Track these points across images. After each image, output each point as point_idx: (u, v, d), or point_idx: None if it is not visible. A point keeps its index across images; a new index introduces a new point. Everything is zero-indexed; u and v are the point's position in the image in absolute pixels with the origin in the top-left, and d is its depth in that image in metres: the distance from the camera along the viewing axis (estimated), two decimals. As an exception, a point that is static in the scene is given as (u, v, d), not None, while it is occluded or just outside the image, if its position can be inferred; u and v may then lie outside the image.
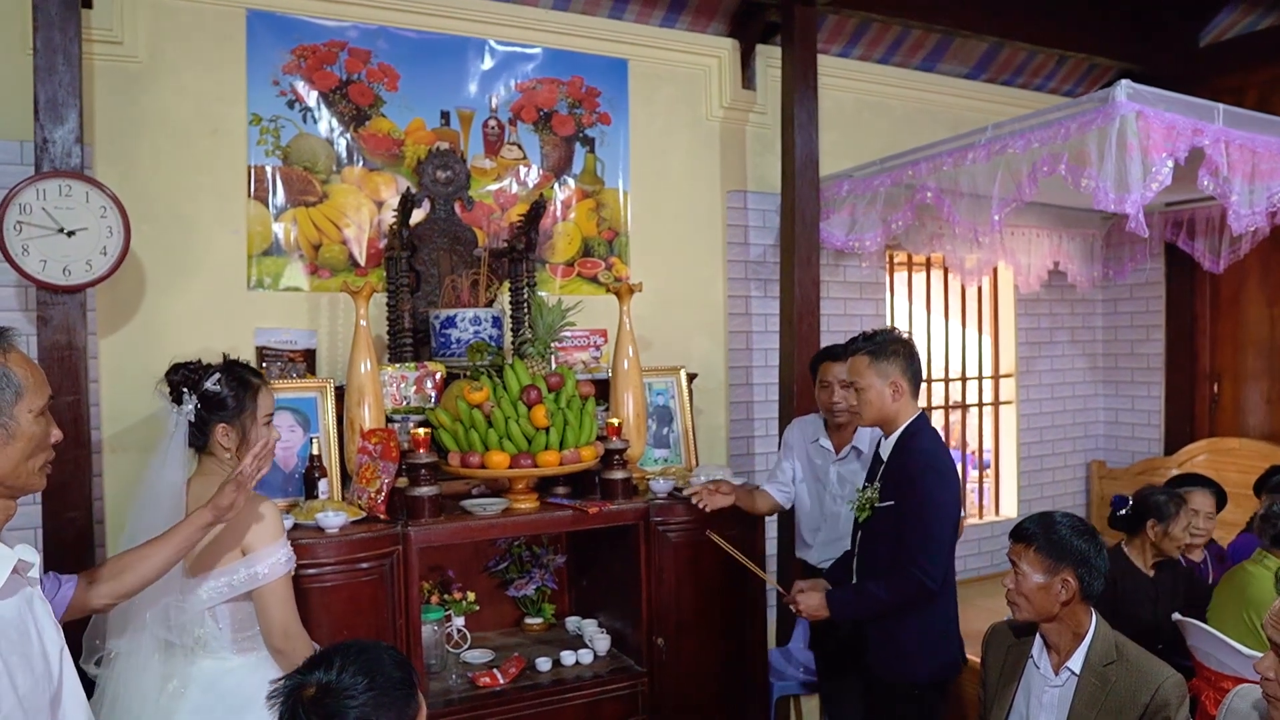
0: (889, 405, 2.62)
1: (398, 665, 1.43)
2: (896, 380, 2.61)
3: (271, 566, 2.09)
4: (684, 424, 3.66)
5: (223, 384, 2.21)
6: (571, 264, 3.88)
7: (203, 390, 2.19)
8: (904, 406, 2.63)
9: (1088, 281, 4.97)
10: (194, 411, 2.18)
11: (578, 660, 3.11)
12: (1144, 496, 3.12)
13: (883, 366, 2.62)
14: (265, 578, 2.08)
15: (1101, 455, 5.41)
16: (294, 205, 3.40)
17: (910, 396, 2.64)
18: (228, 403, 2.21)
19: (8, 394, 1.48)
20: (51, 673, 1.49)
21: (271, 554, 2.10)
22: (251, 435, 2.23)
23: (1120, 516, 3.12)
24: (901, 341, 2.68)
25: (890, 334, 2.70)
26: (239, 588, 2.09)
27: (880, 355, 2.63)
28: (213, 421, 2.20)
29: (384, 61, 3.53)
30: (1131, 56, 4.71)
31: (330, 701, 1.36)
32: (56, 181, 2.70)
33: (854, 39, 4.40)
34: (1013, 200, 3.23)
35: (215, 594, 2.09)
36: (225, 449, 2.22)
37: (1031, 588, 2.11)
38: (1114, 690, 2.01)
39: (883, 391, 2.61)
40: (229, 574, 2.09)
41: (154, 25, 3.19)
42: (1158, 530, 3.06)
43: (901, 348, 2.65)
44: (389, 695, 1.38)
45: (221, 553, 2.10)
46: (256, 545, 2.10)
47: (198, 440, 2.22)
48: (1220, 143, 3.05)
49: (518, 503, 2.98)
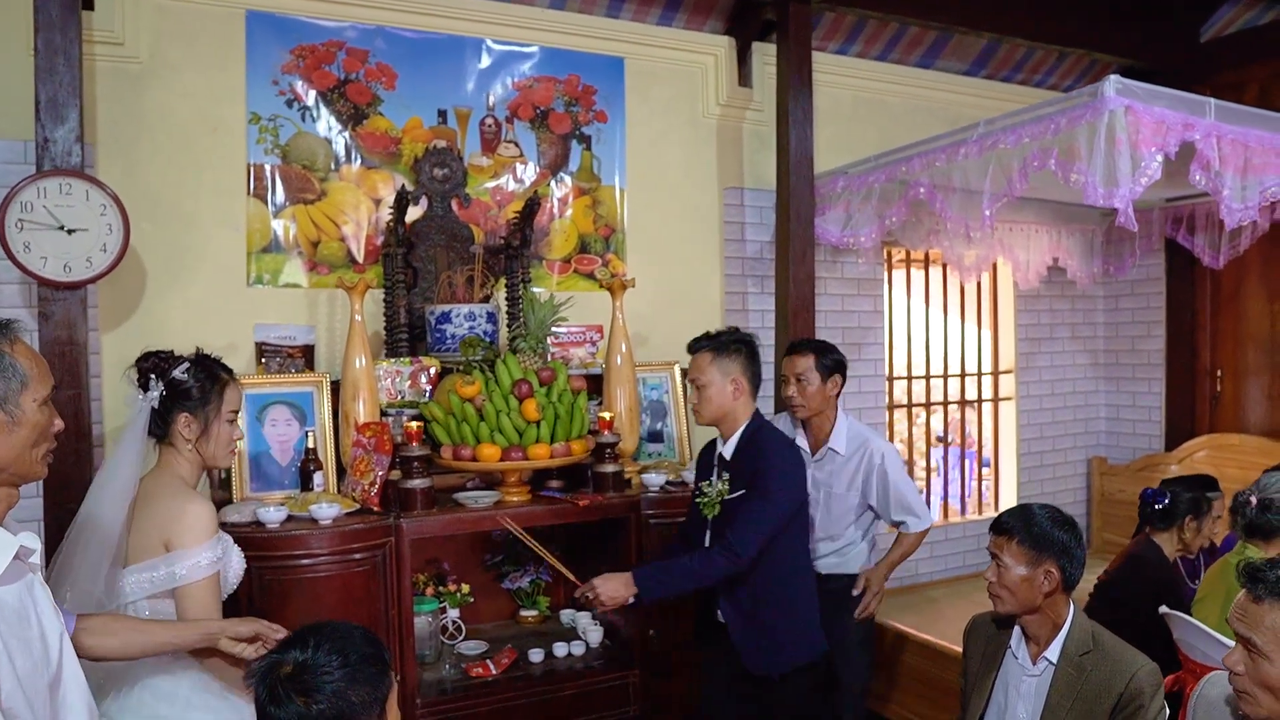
0: (728, 402, 2.66)
1: (369, 643, 1.48)
2: (737, 378, 2.65)
3: (191, 568, 2.01)
4: (678, 419, 3.69)
5: (190, 373, 2.18)
6: (568, 261, 3.92)
7: (170, 378, 2.16)
8: (743, 405, 2.67)
9: (1087, 277, 4.96)
10: (159, 398, 2.15)
11: (570, 652, 3.15)
12: (1179, 494, 3.11)
13: (724, 364, 2.66)
14: (183, 579, 2.00)
15: (1102, 451, 5.40)
16: (293, 203, 3.45)
17: (749, 395, 2.68)
18: (193, 392, 2.17)
19: (13, 383, 1.53)
20: (50, 657, 1.53)
21: (194, 555, 2.02)
22: (213, 429, 2.19)
23: (1156, 510, 3.11)
24: (744, 341, 2.72)
25: (734, 333, 2.75)
26: (158, 585, 2.02)
27: (722, 352, 2.68)
28: (176, 410, 2.15)
29: (382, 61, 3.57)
30: (1131, 52, 4.70)
31: (307, 678, 1.40)
32: (57, 180, 2.76)
33: (851, 36, 4.41)
34: (1003, 195, 3.23)
35: (137, 588, 2.03)
36: (186, 440, 2.16)
37: (1014, 580, 2.12)
38: (1089, 679, 2.03)
39: (724, 389, 2.65)
40: (150, 569, 2.02)
41: (154, 26, 3.25)
42: (1193, 527, 3.08)
43: (743, 347, 2.70)
44: (362, 671, 1.43)
45: (148, 545, 2.05)
46: (180, 544, 2.03)
47: (158, 429, 2.17)
48: (1211, 137, 3.05)
49: (510, 495, 3.02)
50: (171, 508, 2.06)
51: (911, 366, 4.91)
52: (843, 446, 3.10)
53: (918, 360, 4.94)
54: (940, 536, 4.78)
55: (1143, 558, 3.05)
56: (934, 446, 5.32)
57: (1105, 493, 5.24)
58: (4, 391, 1.52)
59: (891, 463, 3.09)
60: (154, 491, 2.12)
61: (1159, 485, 3.23)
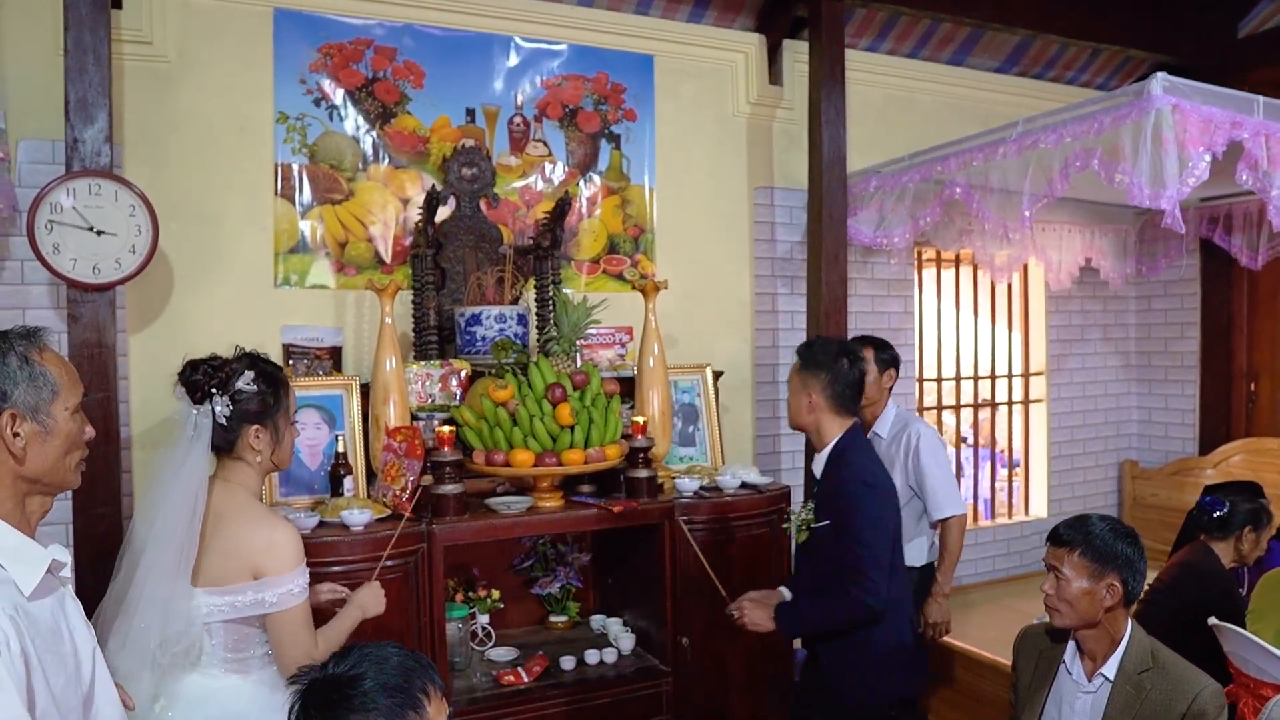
0: (804, 416, 2.58)
1: (400, 674, 1.38)
2: (813, 396, 2.55)
3: (281, 596, 1.95)
4: (710, 422, 3.63)
5: (256, 383, 2.04)
6: (597, 261, 3.87)
7: (234, 390, 2.02)
8: (823, 421, 2.56)
9: (1120, 278, 4.88)
10: (226, 414, 2.02)
11: (602, 659, 3.10)
12: (1238, 503, 3.02)
13: (805, 377, 2.57)
14: (273, 606, 1.95)
15: (1134, 455, 5.32)
16: (320, 203, 3.41)
17: (831, 413, 2.55)
18: (265, 401, 2.05)
19: (44, 392, 1.49)
20: (83, 674, 1.50)
21: (283, 583, 1.96)
22: (284, 436, 2.10)
23: (1214, 519, 3.03)
24: (837, 355, 2.57)
25: (828, 346, 2.62)
26: (242, 611, 1.96)
27: (806, 366, 2.58)
28: (244, 423, 2.03)
29: (410, 59, 3.53)
30: (1167, 48, 4.61)
31: (336, 694, 1.34)
32: (86, 181, 2.73)
33: (882, 33, 4.34)
34: (1044, 196, 3.17)
35: (215, 611, 1.95)
36: (256, 451, 2.05)
37: (1075, 594, 2.05)
38: (1149, 698, 1.96)
39: (799, 402, 2.58)
40: (234, 594, 1.95)
41: (183, 25, 3.22)
42: (1251, 538, 3.01)
43: (831, 363, 2.54)
44: (395, 697, 1.35)
45: (231, 570, 1.97)
46: (268, 571, 1.96)
47: (223, 441, 2.04)
48: (1260, 136, 2.97)
49: (542, 501, 2.97)
50: (258, 534, 1.98)
51: (942, 368, 4.84)
52: (885, 430, 3.29)
53: (948, 362, 4.87)
54: (970, 540, 4.71)
55: (1200, 566, 2.96)
56: (957, 448, 5.25)
57: (1137, 497, 5.16)
58: (35, 401, 1.48)
59: (926, 443, 3.21)
60: (228, 511, 2.02)
61: (1203, 492, 3.16)
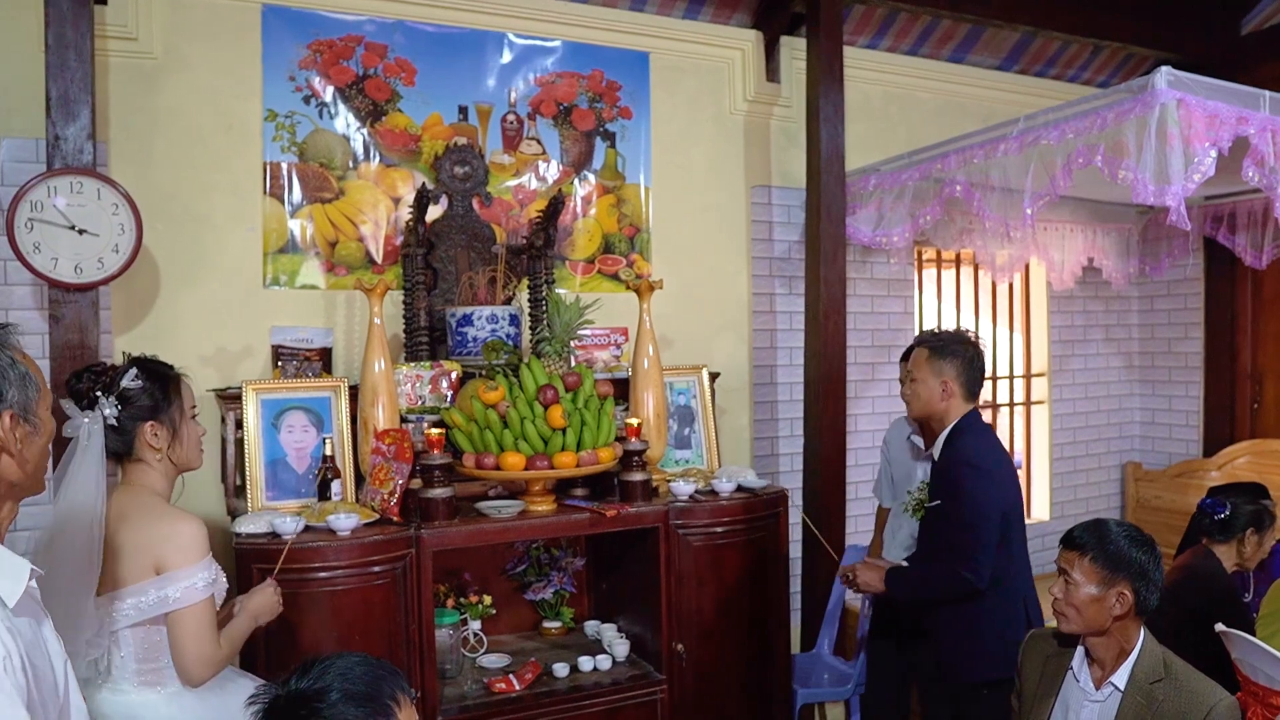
0: (936, 403, 2.72)
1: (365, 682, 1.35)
2: (949, 381, 2.70)
3: (185, 590, 1.88)
4: (706, 424, 3.57)
5: (141, 379, 2.02)
6: (592, 261, 3.81)
7: (121, 390, 1.99)
8: (953, 406, 2.70)
9: (1123, 278, 4.83)
10: (115, 415, 1.98)
11: (596, 666, 3.04)
12: (1240, 504, 2.96)
13: (939, 364, 2.71)
14: (177, 602, 1.88)
15: (1137, 457, 5.26)
16: (310, 202, 3.36)
17: (962, 398, 2.71)
18: (154, 396, 2.02)
19: (31, 390, 1.44)
20: (59, 685, 1.45)
21: (188, 576, 1.89)
22: (182, 431, 2.07)
23: (1216, 521, 2.97)
24: (966, 343, 2.76)
25: (958, 334, 2.79)
26: (147, 611, 1.89)
27: (939, 354, 2.72)
28: (138, 422, 2.00)
29: (401, 56, 3.47)
30: (1170, 45, 4.56)
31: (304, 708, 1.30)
32: (68, 178, 2.67)
33: (881, 30, 4.29)
34: (1046, 193, 3.13)
35: (121, 616, 1.89)
36: (155, 449, 2.03)
37: (1083, 599, 2.00)
38: (1161, 710, 1.90)
39: (934, 389, 2.71)
40: (137, 593, 1.89)
41: (169, 21, 3.16)
42: (1254, 540, 2.95)
43: (964, 349, 2.73)
44: (365, 707, 1.32)
45: (134, 569, 1.90)
46: (171, 563, 1.90)
47: (119, 446, 2.01)
48: (1267, 131, 2.92)
49: (534, 505, 2.91)
50: (159, 527, 1.94)
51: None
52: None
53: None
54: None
55: (1202, 570, 2.90)
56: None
57: (1140, 499, 5.10)
58: (24, 400, 1.42)
59: None
60: (131, 511, 1.96)
61: (1207, 493, 3.10)
